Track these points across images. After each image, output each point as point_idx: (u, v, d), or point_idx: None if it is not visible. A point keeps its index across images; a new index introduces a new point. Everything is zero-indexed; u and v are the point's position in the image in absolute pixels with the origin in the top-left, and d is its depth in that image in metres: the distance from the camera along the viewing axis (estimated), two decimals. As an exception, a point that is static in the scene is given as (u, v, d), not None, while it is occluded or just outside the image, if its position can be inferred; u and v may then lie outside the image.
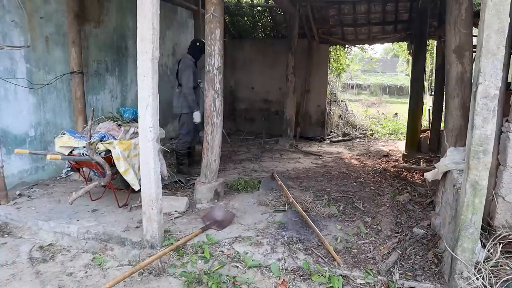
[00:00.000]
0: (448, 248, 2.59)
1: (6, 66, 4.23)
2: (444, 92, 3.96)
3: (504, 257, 2.59)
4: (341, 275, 2.78)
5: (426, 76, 10.17)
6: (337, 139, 9.09)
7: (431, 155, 6.40)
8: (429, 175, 3.56)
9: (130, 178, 3.72)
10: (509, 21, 2.18)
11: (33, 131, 4.62)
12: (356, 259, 3.02)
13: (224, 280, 2.75)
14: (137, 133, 3.71)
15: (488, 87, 2.24)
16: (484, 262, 2.53)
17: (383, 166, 6.19)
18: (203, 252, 3.07)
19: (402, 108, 14.13)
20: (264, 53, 9.18)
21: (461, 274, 2.46)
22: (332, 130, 9.83)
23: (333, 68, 10.32)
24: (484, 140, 2.30)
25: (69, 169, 4.82)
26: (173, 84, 5.44)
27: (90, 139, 3.55)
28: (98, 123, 4.08)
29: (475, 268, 2.45)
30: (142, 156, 3.05)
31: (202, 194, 4.16)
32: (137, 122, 3.11)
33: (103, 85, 5.75)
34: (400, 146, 8.13)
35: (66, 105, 5.03)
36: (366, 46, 10.30)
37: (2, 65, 4.19)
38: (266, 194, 4.53)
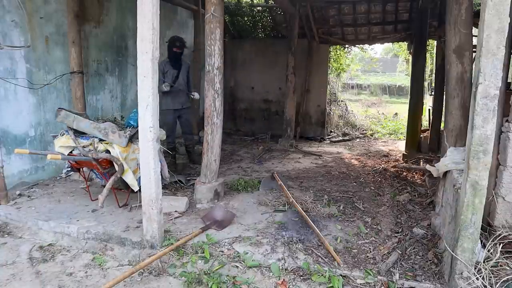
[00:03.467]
0: (448, 248, 2.59)
1: (6, 66, 4.23)
2: (444, 92, 3.96)
3: (504, 257, 2.59)
4: (341, 275, 2.78)
5: (426, 76, 10.17)
6: (337, 139, 9.09)
7: (431, 155, 6.40)
8: (433, 169, 3.54)
9: (129, 179, 3.72)
10: (509, 21, 2.18)
11: (33, 131, 4.62)
12: (356, 259, 3.02)
13: (224, 280, 2.75)
14: (132, 136, 3.73)
15: (488, 87, 2.24)
16: (484, 262, 2.53)
17: (383, 166, 6.19)
18: (203, 252, 3.07)
19: (402, 108, 14.12)
20: (264, 53, 9.17)
21: (461, 274, 2.46)
22: (332, 130, 9.83)
23: (333, 68, 10.32)
24: (484, 140, 2.30)
25: (69, 169, 4.82)
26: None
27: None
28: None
29: (475, 268, 2.45)
30: (142, 156, 3.05)
31: (202, 194, 4.16)
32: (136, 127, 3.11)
33: (103, 85, 5.75)
34: (400, 146, 8.13)
35: (66, 105, 5.02)
36: (366, 46, 10.30)
37: (2, 65, 4.19)
38: (266, 194, 4.53)
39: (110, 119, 4.25)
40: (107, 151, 3.68)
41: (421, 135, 6.99)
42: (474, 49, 3.06)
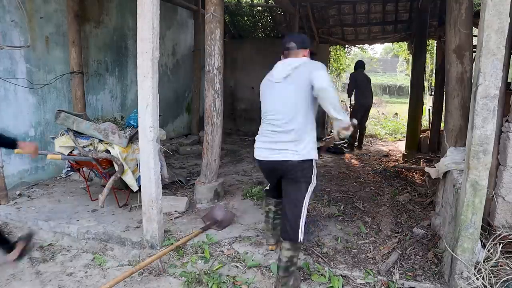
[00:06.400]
0: (448, 248, 2.59)
1: (6, 66, 4.23)
2: (444, 92, 3.96)
3: (504, 257, 2.59)
4: (341, 275, 2.78)
5: (426, 76, 10.17)
6: (337, 139, 9.07)
7: (431, 155, 6.40)
8: (432, 171, 3.54)
9: (128, 179, 3.72)
10: (509, 21, 2.18)
11: (33, 131, 4.62)
12: (356, 259, 3.02)
13: (224, 280, 2.75)
14: (132, 136, 3.73)
15: (488, 87, 2.24)
16: (484, 262, 2.53)
17: (383, 166, 6.19)
18: (203, 252, 3.07)
19: (402, 108, 14.14)
20: (264, 53, 9.15)
21: (461, 274, 2.46)
22: (332, 130, 9.83)
23: (333, 68, 10.32)
24: (484, 140, 2.30)
25: (69, 169, 4.81)
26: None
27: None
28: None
29: (475, 268, 2.45)
30: (142, 156, 3.05)
31: (202, 194, 4.16)
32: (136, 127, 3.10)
33: (103, 85, 5.75)
34: (400, 146, 8.13)
35: (66, 105, 5.02)
36: (366, 46, 10.32)
37: (2, 65, 4.19)
38: (266, 194, 4.53)
39: (110, 119, 4.25)
40: (107, 151, 3.68)
41: (421, 135, 6.99)
42: (474, 49, 3.06)
